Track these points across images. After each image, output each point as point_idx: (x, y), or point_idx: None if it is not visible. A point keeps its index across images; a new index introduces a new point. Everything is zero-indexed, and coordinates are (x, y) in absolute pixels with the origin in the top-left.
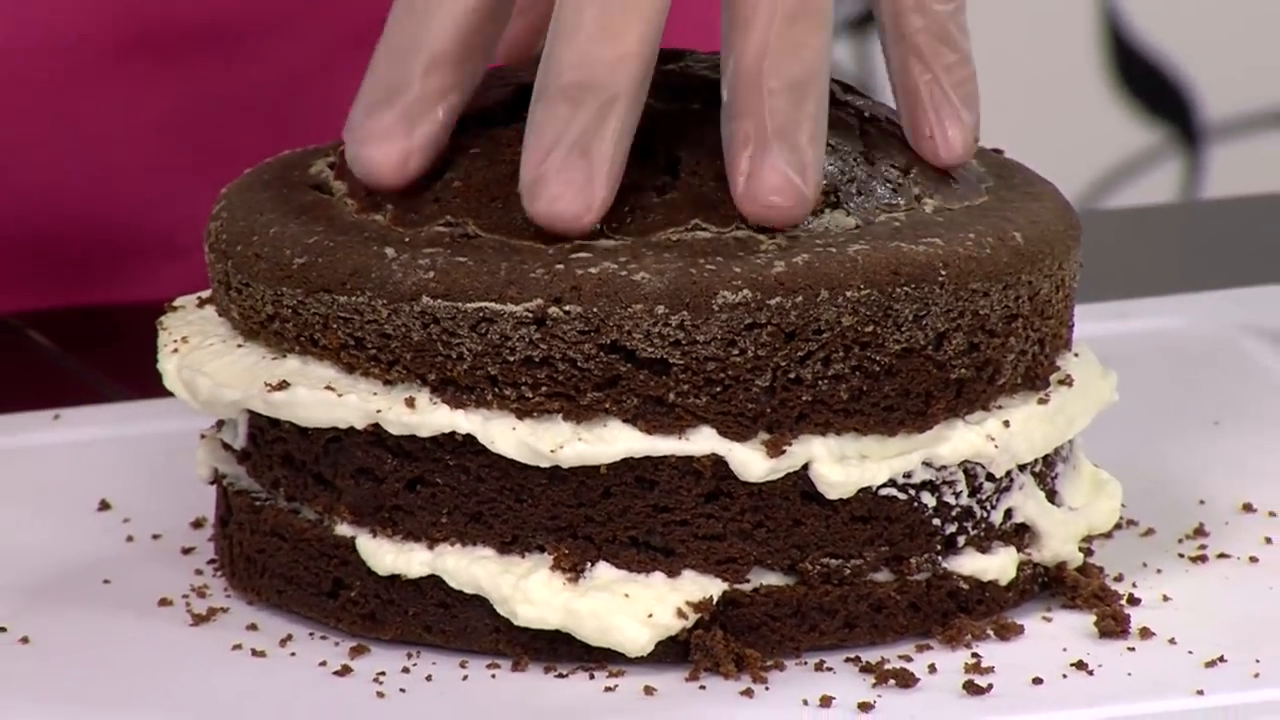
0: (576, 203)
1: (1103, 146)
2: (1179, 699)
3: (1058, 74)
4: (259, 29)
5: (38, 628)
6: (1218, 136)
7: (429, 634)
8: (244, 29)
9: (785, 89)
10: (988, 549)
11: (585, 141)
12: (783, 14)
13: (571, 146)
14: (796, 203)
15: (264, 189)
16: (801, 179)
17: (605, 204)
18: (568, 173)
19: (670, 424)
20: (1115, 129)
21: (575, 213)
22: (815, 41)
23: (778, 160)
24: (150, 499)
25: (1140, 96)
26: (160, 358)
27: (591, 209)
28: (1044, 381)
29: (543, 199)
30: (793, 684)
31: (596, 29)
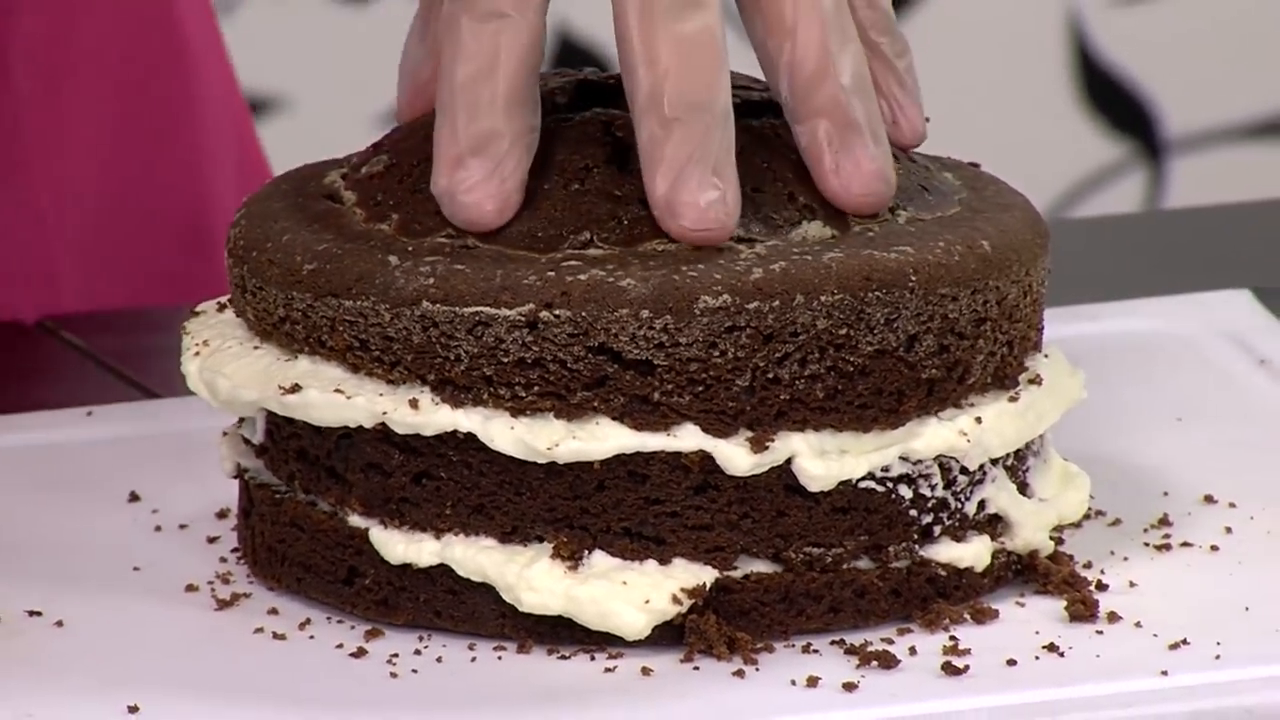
0: (719, 219)
1: (1071, 160)
2: (1145, 679)
3: (1029, 93)
4: None
5: (71, 612)
6: (1179, 150)
7: (439, 619)
8: None
9: (852, 86)
10: (963, 538)
11: (715, 160)
12: (829, 15)
13: (704, 166)
14: (888, 191)
15: (281, 198)
16: (887, 168)
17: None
18: (706, 192)
19: (656, 421)
20: (1083, 143)
21: (721, 226)
22: (856, 37)
23: (866, 153)
24: (177, 491)
25: (1106, 113)
26: (184, 360)
27: (733, 219)
28: (1014, 380)
29: (686, 218)
30: (781, 665)
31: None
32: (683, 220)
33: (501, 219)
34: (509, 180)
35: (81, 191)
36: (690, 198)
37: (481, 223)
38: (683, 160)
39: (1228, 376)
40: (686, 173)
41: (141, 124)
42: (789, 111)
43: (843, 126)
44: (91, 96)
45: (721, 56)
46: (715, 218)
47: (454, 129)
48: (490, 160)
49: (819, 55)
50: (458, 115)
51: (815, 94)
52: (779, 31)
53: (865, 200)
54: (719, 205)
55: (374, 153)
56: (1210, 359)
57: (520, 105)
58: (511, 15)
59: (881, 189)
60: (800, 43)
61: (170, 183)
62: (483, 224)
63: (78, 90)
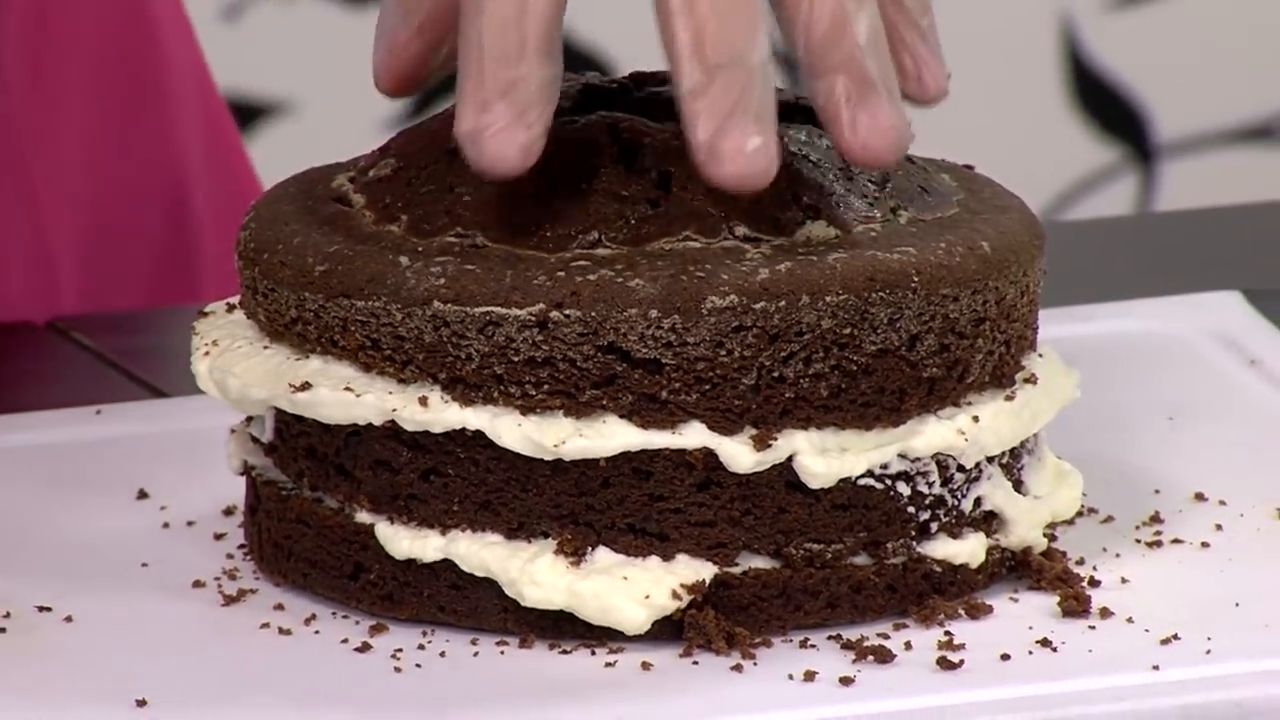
0: (762, 163)
1: (1064, 163)
2: (1136, 674)
3: (1023, 98)
4: None
5: (80, 607)
6: (1169, 154)
7: (443, 614)
8: None
9: (868, 44)
10: (959, 535)
11: (757, 108)
12: None
13: (747, 115)
14: (904, 146)
15: (290, 201)
16: (903, 124)
17: (779, 160)
18: (751, 139)
19: (663, 419)
20: (1076, 148)
21: (764, 172)
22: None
23: (883, 108)
24: (185, 488)
25: (1098, 118)
26: (193, 360)
27: (774, 166)
28: (1010, 380)
29: (731, 164)
30: (779, 660)
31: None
32: (726, 166)
33: (524, 165)
34: (534, 126)
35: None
36: (734, 144)
37: (505, 168)
38: (727, 108)
39: (1218, 376)
40: (731, 120)
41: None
42: (805, 68)
43: (859, 83)
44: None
45: (760, 9)
46: (761, 162)
47: (480, 72)
48: (517, 105)
49: (836, 13)
50: (485, 59)
51: (832, 51)
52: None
53: (881, 155)
54: (762, 152)
55: (381, 156)
56: (1201, 359)
57: (547, 52)
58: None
59: (896, 144)
60: (818, 2)
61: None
62: (506, 169)
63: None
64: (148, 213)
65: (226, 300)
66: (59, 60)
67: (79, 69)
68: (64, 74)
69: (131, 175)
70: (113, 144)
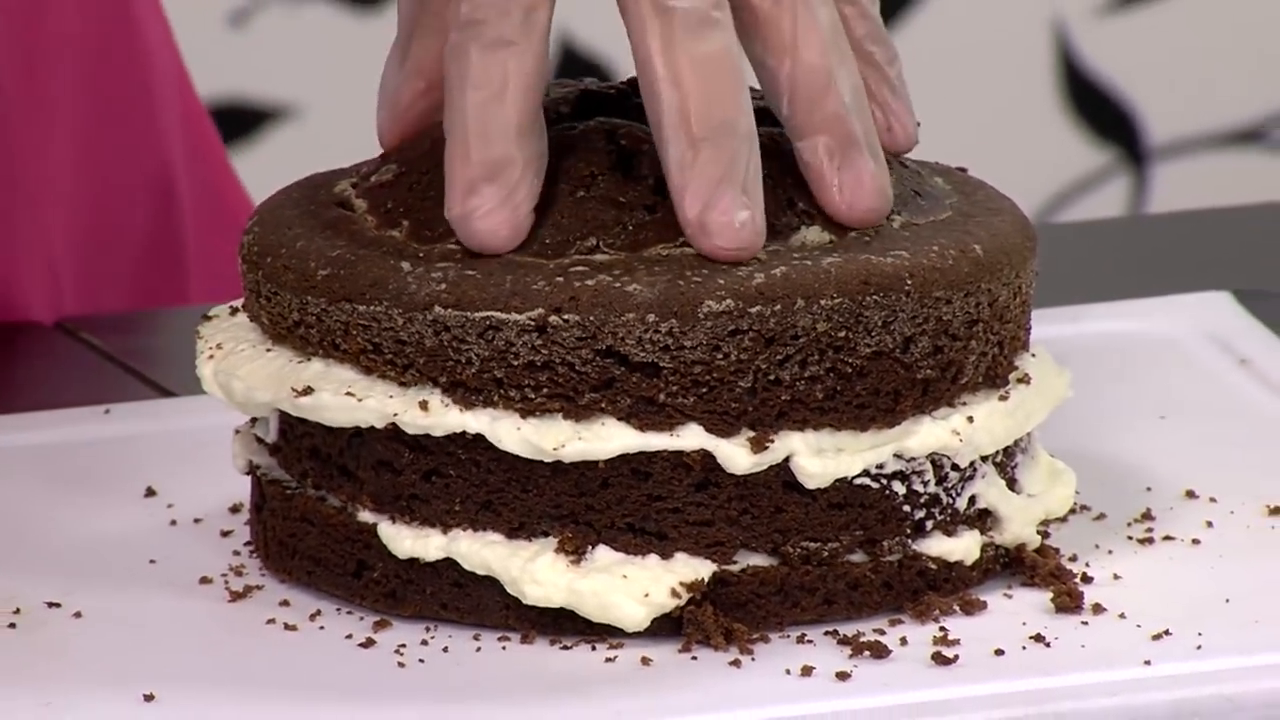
0: (749, 237)
1: (1057, 166)
2: (1128, 669)
3: (1017, 101)
4: None
5: (89, 603)
6: (1161, 157)
7: (445, 611)
8: None
9: (852, 103)
10: (953, 532)
11: (744, 180)
12: (826, 33)
13: (734, 187)
14: (887, 205)
15: (293, 206)
16: (885, 180)
17: (765, 230)
18: (739, 212)
19: (661, 422)
20: (1069, 150)
21: (753, 245)
22: (851, 54)
23: (867, 168)
24: (192, 487)
25: (1091, 121)
26: (198, 363)
27: (761, 237)
28: (1004, 380)
29: (720, 238)
30: (776, 655)
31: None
32: (717, 240)
33: (514, 243)
34: (521, 206)
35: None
36: (724, 218)
37: (495, 247)
38: (714, 181)
39: (1209, 375)
40: (718, 193)
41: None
42: (790, 128)
43: (844, 142)
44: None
45: (742, 75)
46: (747, 237)
47: (466, 155)
48: (503, 187)
49: (820, 73)
50: (470, 141)
51: (817, 111)
52: (779, 49)
53: (867, 215)
54: (749, 226)
55: (382, 162)
56: (1192, 359)
57: (530, 131)
58: (518, 43)
59: (882, 204)
60: (801, 60)
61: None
62: (496, 248)
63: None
64: (136, 211)
65: (230, 303)
66: (49, 60)
67: (68, 69)
68: (54, 74)
69: (119, 174)
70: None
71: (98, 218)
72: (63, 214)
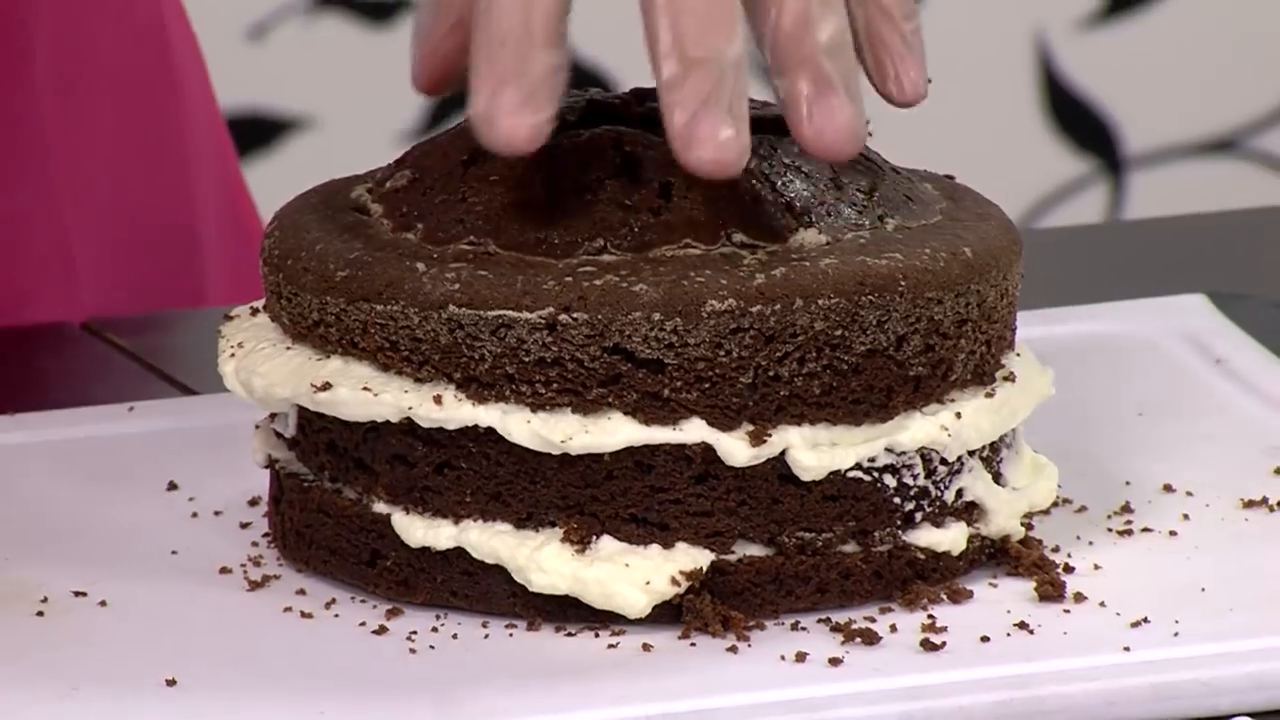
0: (733, 151)
1: (1039, 174)
2: (1109, 655)
3: (1001, 113)
4: None
5: (114, 592)
6: (1137, 166)
7: (455, 598)
8: None
9: (829, 46)
10: (941, 524)
11: (731, 99)
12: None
13: (720, 106)
14: (858, 140)
15: (311, 211)
16: (858, 121)
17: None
18: (723, 129)
19: (665, 416)
20: (1050, 160)
21: (736, 160)
22: (841, 9)
23: (840, 106)
24: (212, 480)
25: (1071, 132)
26: (220, 361)
27: (744, 156)
28: (990, 377)
29: (704, 150)
30: (772, 642)
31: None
32: (700, 151)
33: (533, 145)
34: (542, 110)
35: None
36: (707, 132)
37: (516, 147)
38: (701, 96)
39: (1185, 374)
40: (704, 110)
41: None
42: (770, 67)
43: (817, 81)
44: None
45: (736, 8)
46: (731, 151)
47: (492, 57)
48: (525, 90)
49: (799, 16)
50: (495, 44)
51: (794, 51)
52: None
53: (833, 148)
54: (734, 142)
55: (397, 168)
56: (1169, 358)
57: (553, 40)
58: None
59: (850, 143)
60: (785, 7)
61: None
62: (516, 148)
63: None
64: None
65: (250, 304)
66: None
67: (106, 84)
68: (91, 81)
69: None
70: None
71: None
72: (92, 220)
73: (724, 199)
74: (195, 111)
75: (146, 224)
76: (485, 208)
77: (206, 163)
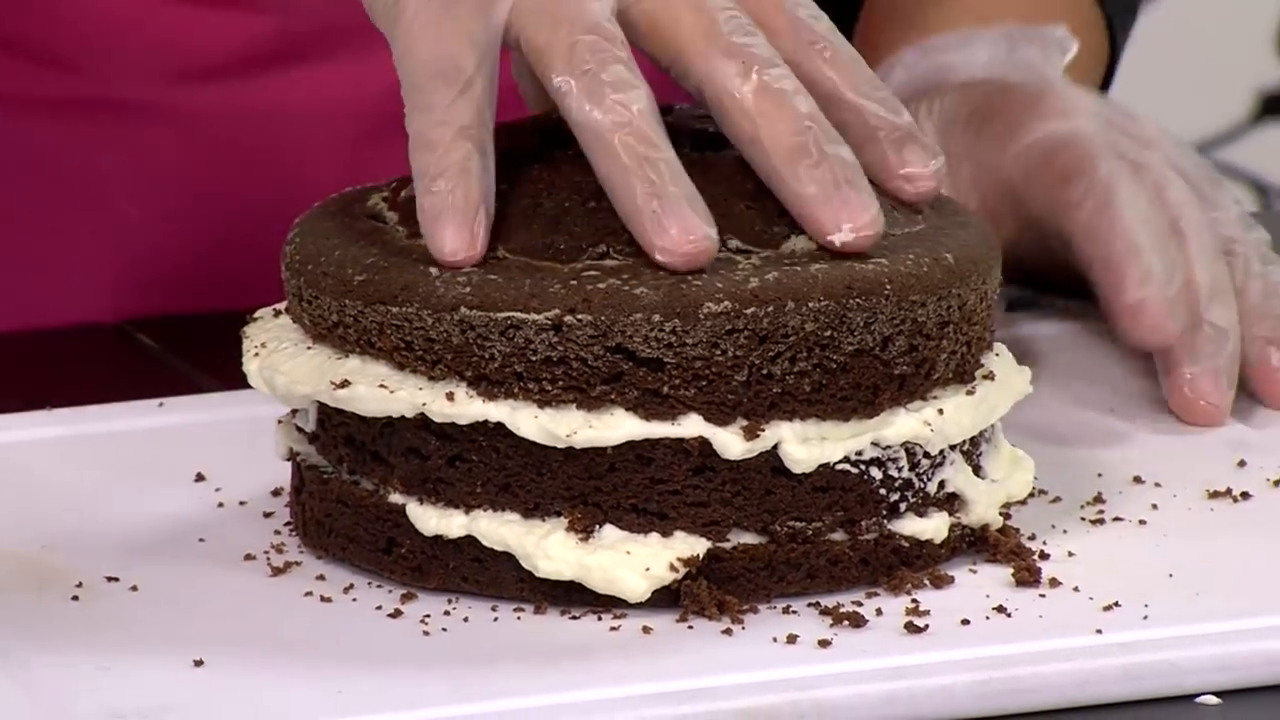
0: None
1: None
2: (1082, 637)
3: None
4: None
5: (144, 577)
6: None
7: (466, 583)
8: None
9: None
10: (924, 514)
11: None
12: None
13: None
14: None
15: (330, 219)
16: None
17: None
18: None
19: (664, 412)
20: None
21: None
22: None
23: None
24: (237, 472)
25: None
26: (245, 360)
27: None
28: (971, 376)
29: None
30: (764, 625)
31: None
32: None
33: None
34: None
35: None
36: None
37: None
38: None
39: (1153, 373)
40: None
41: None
42: None
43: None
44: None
45: None
46: None
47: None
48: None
49: None
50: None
51: None
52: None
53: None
54: None
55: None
56: (1138, 358)
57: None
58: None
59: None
60: None
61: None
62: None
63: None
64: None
65: (273, 307)
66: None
67: None
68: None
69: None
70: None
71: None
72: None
73: (720, 207)
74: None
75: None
76: (496, 216)
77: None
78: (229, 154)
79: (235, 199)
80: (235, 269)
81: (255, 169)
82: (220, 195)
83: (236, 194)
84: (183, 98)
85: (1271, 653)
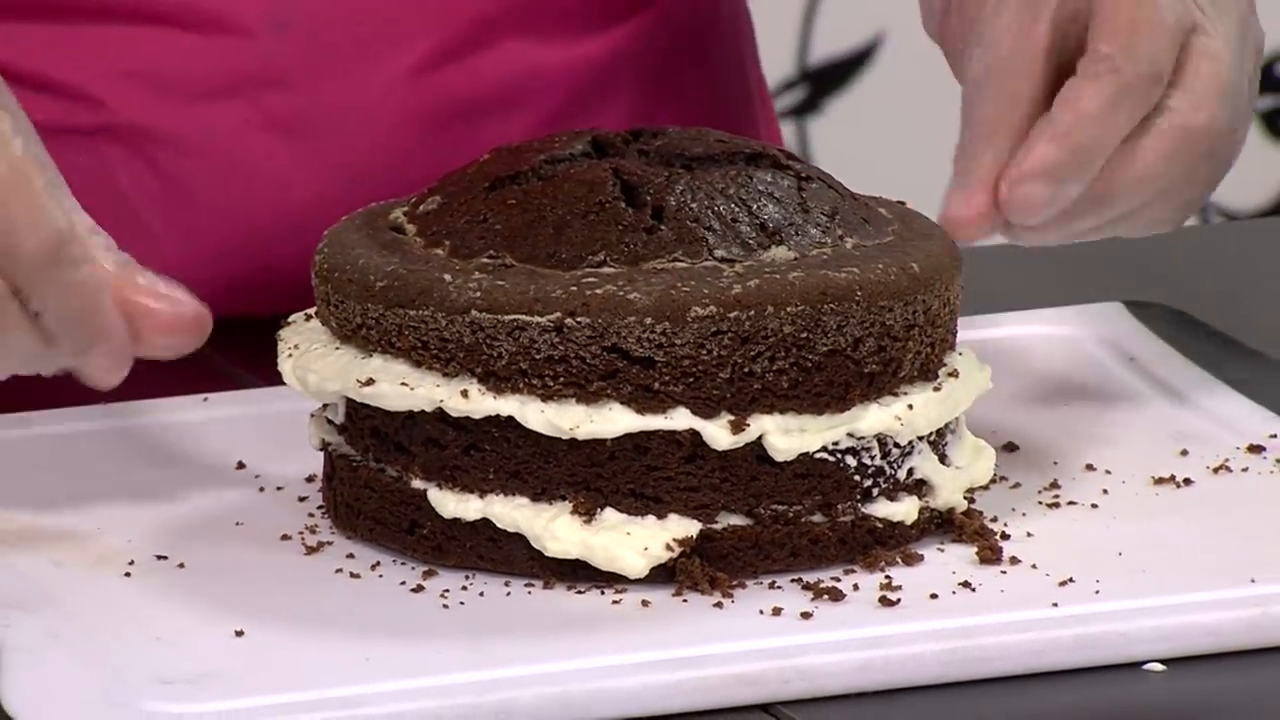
0: None
1: None
2: (1039, 610)
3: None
4: None
5: (190, 556)
6: None
7: (482, 561)
8: None
9: None
10: (895, 498)
11: None
12: None
13: None
14: None
15: (355, 230)
16: None
17: None
18: None
19: (657, 406)
20: None
21: None
22: None
23: None
24: (275, 460)
25: None
26: (280, 360)
27: None
28: (936, 374)
29: None
30: (752, 598)
31: None
32: None
33: None
34: None
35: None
36: None
37: None
38: None
39: (1104, 371)
40: None
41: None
42: None
43: None
44: None
45: None
46: None
47: None
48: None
49: None
50: None
51: None
52: None
53: None
54: None
55: (429, 194)
56: (1090, 357)
57: None
58: None
59: None
60: None
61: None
62: None
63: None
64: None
65: (305, 311)
66: None
67: None
68: None
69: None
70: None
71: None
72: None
73: (707, 221)
74: None
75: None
76: (503, 227)
77: None
78: (241, 169)
79: (249, 211)
80: (257, 278)
81: (267, 182)
82: (234, 208)
83: (249, 207)
84: (193, 117)
85: (1212, 624)
